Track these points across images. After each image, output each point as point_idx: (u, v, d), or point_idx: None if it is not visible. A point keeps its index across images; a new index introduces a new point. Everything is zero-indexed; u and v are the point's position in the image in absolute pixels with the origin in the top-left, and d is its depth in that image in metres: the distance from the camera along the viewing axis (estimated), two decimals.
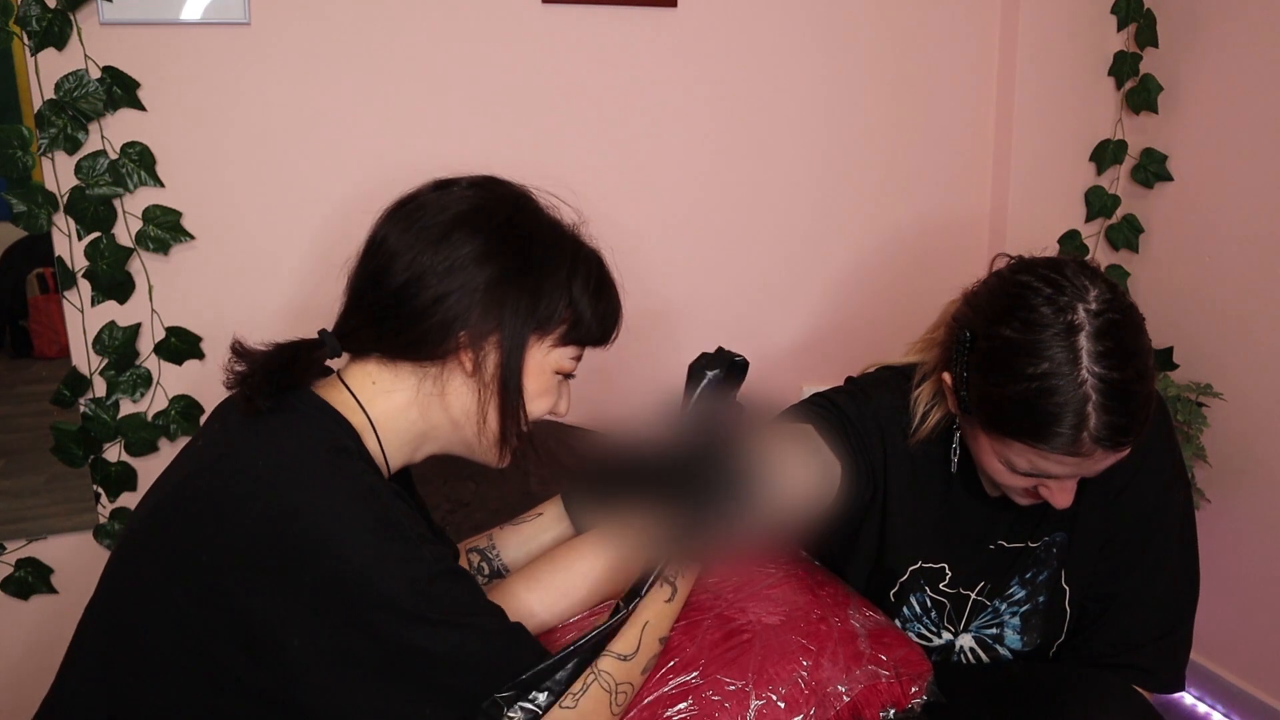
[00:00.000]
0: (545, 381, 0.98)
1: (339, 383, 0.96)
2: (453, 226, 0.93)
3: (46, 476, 1.57)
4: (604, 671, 0.91)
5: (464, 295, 0.92)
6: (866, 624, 1.08)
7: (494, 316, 0.93)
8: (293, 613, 0.81)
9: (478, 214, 0.95)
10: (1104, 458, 0.99)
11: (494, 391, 0.94)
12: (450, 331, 0.92)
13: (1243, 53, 1.78)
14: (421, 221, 0.94)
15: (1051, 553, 1.21)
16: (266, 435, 0.89)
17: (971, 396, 1.04)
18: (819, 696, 0.98)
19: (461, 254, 0.92)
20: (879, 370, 1.25)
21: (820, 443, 1.14)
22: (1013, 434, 0.99)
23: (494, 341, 0.93)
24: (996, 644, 1.24)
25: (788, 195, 1.89)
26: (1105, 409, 0.95)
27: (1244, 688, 1.88)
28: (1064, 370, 0.95)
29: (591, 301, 0.98)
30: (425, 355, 0.94)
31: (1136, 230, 2.00)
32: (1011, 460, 1.02)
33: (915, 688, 1.05)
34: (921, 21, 1.90)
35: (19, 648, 1.60)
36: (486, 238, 0.93)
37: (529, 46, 1.67)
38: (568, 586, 1.05)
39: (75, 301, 1.51)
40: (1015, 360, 0.97)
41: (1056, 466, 1.00)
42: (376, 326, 0.94)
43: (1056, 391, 0.95)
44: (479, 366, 0.94)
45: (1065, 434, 0.95)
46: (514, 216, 0.96)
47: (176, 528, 0.86)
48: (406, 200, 0.98)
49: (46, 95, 1.42)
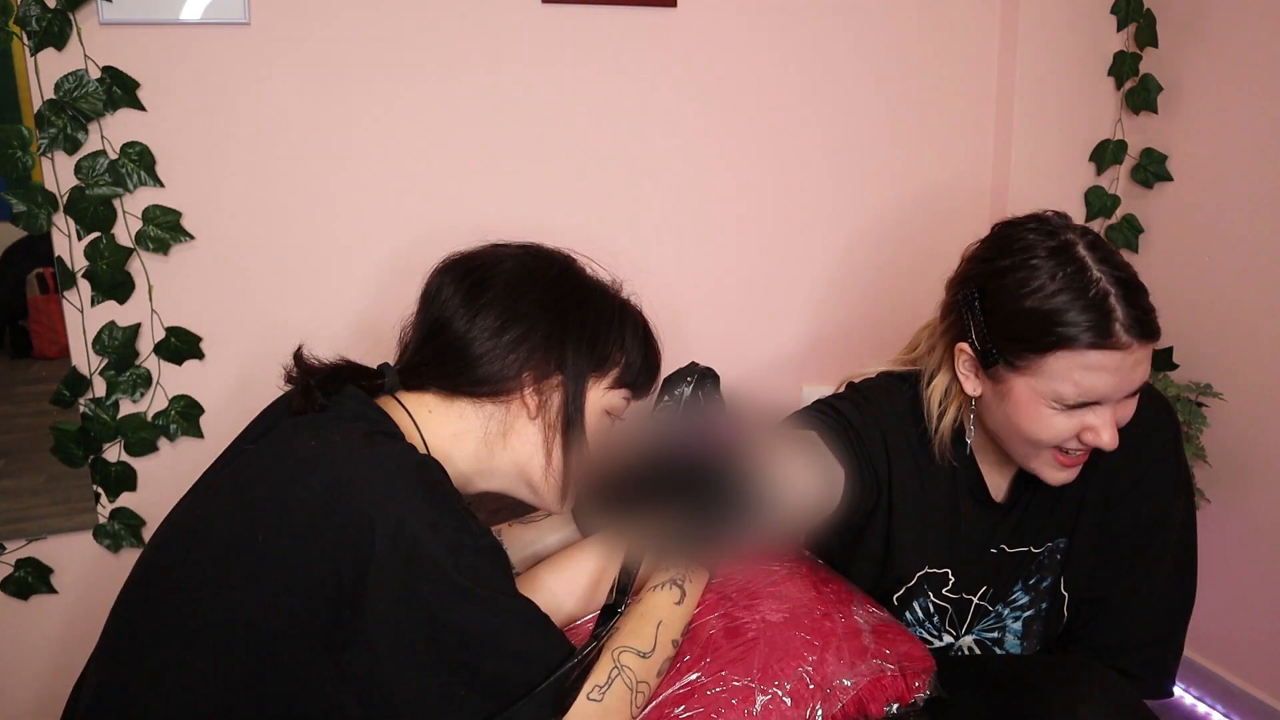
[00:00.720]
0: (601, 422, 1.04)
1: (396, 405, 0.99)
2: (512, 279, 1.01)
3: (46, 476, 1.56)
4: (626, 667, 0.92)
5: (528, 340, 0.98)
6: (870, 620, 1.09)
7: (557, 359, 1.00)
8: (352, 584, 0.81)
9: (533, 269, 1.03)
10: (1139, 356, 1.01)
11: (558, 430, 1.00)
12: (516, 373, 0.98)
13: (1243, 53, 1.78)
14: (478, 273, 1.01)
15: (1055, 559, 1.20)
16: (319, 422, 0.92)
17: (997, 339, 1.05)
18: (824, 691, 0.98)
19: (522, 303, 0.99)
20: (879, 376, 1.25)
21: (824, 449, 1.14)
22: (1052, 345, 1.00)
23: (557, 382, 1.00)
24: (996, 647, 1.24)
25: (786, 196, 1.89)
26: (1126, 300, 1.00)
27: (1244, 688, 1.88)
28: (1078, 272, 1.01)
29: (641, 347, 1.06)
30: (488, 394, 0.99)
31: (1136, 230, 2.00)
32: (1055, 390, 1.02)
33: (918, 682, 1.05)
34: (921, 22, 1.90)
35: (19, 648, 1.60)
36: (544, 289, 1.01)
37: (529, 46, 1.67)
38: (572, 587, 1.05)
39: (75, 301, 1.51)
40: (1030, 280, 1.03)
41: (1098, 377, 1.00)
42: (440, 366, 1.00)
43: (1081, 288, 1.00)
44: (543, 406, 1.00)
45: (1101, 322, 0.99)
46: (565, 271, 1.05)
47: (230, 514, 0.87)
48: (459, 256, 1.05)
49: (46, 95, 1.42)
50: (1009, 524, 1.20)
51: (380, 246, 1.65)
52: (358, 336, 1.64)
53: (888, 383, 1.23)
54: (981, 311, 1.07)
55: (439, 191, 1.67)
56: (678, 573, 1.03)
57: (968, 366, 1.11)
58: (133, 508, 1.58)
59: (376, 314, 1.64)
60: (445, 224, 1.66)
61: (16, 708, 1.62)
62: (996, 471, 1.20)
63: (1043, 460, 1.10)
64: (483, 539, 0.88)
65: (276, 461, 0.88)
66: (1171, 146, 1.93)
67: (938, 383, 1.16)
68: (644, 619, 0.97)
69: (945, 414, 1.15)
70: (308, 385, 0.96)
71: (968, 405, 1.14)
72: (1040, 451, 1.09)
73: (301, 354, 1.02)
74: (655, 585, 1.02)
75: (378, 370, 1.03)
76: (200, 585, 0.85)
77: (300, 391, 0.96)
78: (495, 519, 1.23)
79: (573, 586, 1.05)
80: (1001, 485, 1.20)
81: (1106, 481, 1.17)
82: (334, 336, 1.62)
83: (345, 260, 1.64)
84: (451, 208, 1.67)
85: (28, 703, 1.63)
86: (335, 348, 1.07)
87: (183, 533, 0.91)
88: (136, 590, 0.91)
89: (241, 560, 0.84)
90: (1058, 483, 1.11)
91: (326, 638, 0.82)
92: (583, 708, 0.88)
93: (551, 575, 1.06)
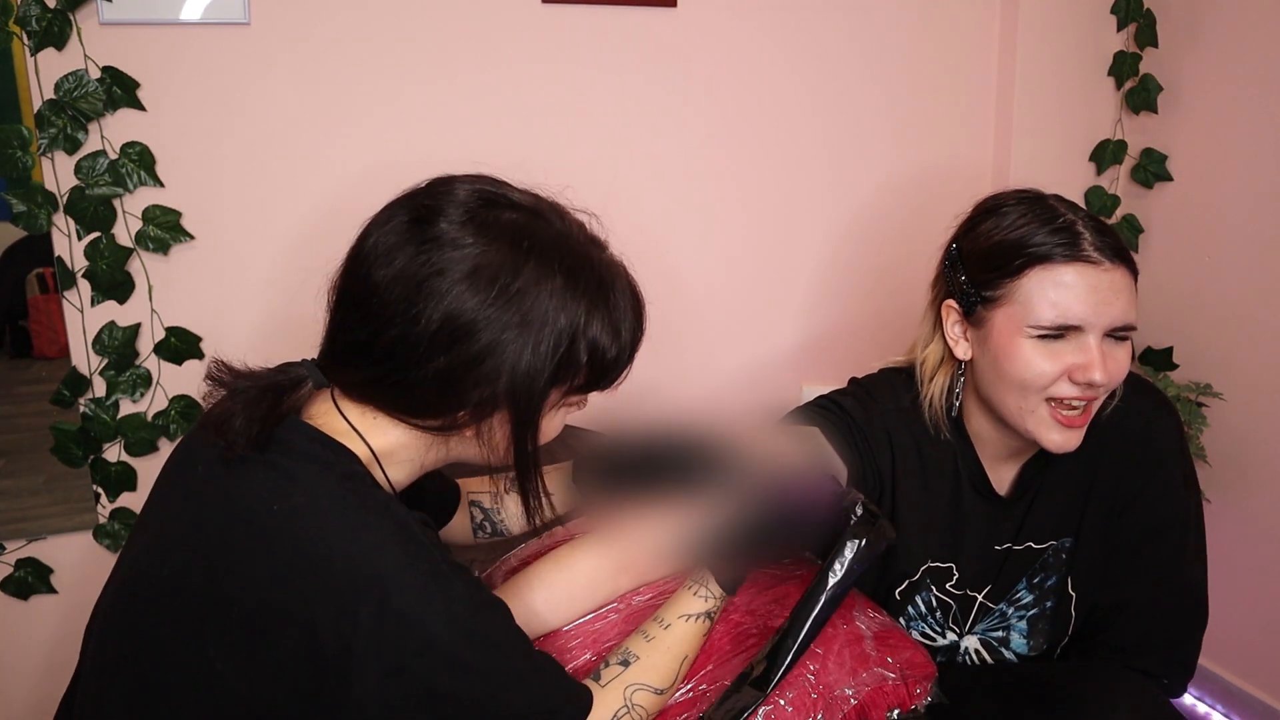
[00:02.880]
0: (558, 422, 0.91)
1: (334, 410, 0.87)
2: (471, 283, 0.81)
3: (46, 476, 1.56)
4: (637, 705, 0.89)
5: (466, 371, 0.81)
6: (872, 626, 1.08)
7: (501, 395, 0.83)
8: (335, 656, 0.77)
9: (496, 269, 0.81)
10: (1115, 279, 1.03)
11: (506, 460, 0.88)
12: (449, 411, 0.84)
13: (1243, 53, 1.78)
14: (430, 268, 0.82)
15: (1061, 558, 1.20)
16: (273, 474, 0.81)
17: (973, 279, 1.09)
18: (826, 700, 0.98)
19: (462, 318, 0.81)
20: (881, 371, 1.25)
21: (827, 446, 1.14)
22: (1023, 264, 1.04)
23: (501, 419, 0.85)
24: (1002, 647, 1.24)
25: (787, 196, 1.89)
26: (1094, 228, 1.05)
27: (1244, 688, 1.88)
28: (1045, 210, 1.07)
29: (614, 338, 0.87)
30: (419, 426, 0.86)
31: (1136, 230, 2.00)
32: (1035, 312, 1.03)
33: (920, 689, 1.04)
34: (921, 22, 1.90)
35: (18, 648, 1.60)
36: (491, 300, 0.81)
37: (529, 46, 1.67)
38: (571, 587, 1.05)
39: (75, 301, 1.51)
40: (1000, 221, 1.09)
41: (1076, 296, 1.02)
42: (375, 387, 0.85)
43: (1048, 218, 1.06)
44: (485, 439, 0.86)
45: (1071, 240, 1.03)
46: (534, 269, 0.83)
47: (196, 583, 0.81)
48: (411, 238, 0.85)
49: (46, 95, 1.42)
50: (1013, 520, 1.20)
51: None
52: None
53: (891, 377, 1.23)
54: (962, 266, 1.11)
55: None
56: (714, 603, 0.96)
57: (956, 327, 1.13)
58: (133, 508, 1.58)
59: None
60: None
61: (16, 707, 1.62)
62: (1000, 465, 1.20)
63: (1039, 419, 1.06)
64: (475, 595, 0.82)
65: (241, 528, 0.80)
66: (1171, 146, 1.93)
67: (930, 350, 1.18)
68: (671, 654, 0.92)
69: (935, 379, 1.17)
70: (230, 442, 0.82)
71: (958, 371, 1.15)
72: (1034, 404, 1.06)
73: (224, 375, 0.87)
74: (688, 615, 0.95)
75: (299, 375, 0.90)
76: (176, 652, 0.80)
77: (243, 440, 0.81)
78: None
79: (570, 588, 1.05)
80: (1005, 480, 1.21)
81: (1113, 482, 1.17)
82: None
83: None
84: None
85: (27, 703, 1.63)
86: None
87: (149, 596, 0.84)
88: (107, 646, 0.87)
89: (216, 633, 0.79)
90: (1058, 448, 1.07)
91: (316, 698, 0.79)
92: None
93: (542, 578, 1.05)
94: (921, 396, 1.17)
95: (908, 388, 1.20)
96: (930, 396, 1.17)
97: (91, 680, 0.88)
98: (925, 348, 1.18)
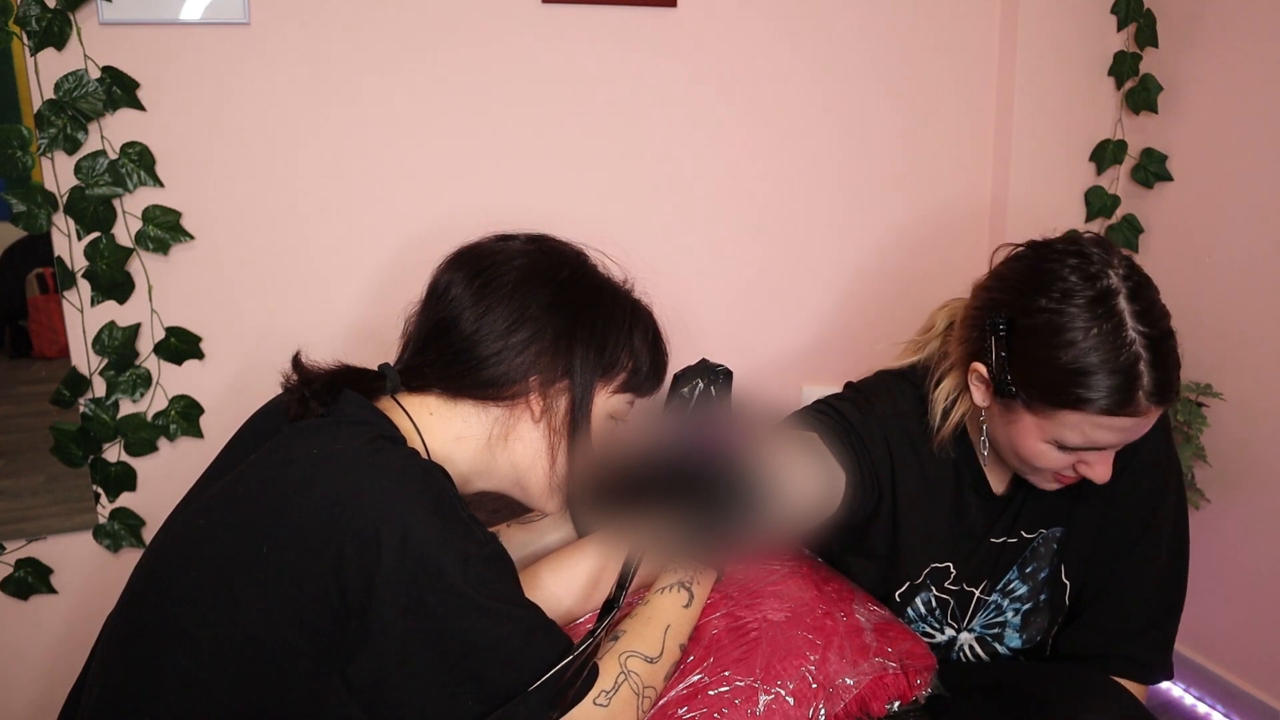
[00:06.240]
0: (604, 426, 1.02)
1: (397, 407, 0.98)
2: (522, 278, 0.98)
3: (46, 476, 1.56)
4: (633, 672, 0.92)
5: (536, 343, 0.97)
6: (871, 618, 1.09)
7: (565, 363, 0.98)
8: (358, 596, 0.81)
9: (543, 267, 1.00)
10: (1152, 417, 1.01)
11: (564, 436, 0.98)
12: (522, 376, 0.97)
13: (1243, 53, 1.78)
14: (488, 272, 0.99)
15: (1052, 548, 1.21)
16: (319, 429, 0.90)
17: (1017, 378, 1.03)
18: (827, 690, 0.98)
19: (532, 304, 0.97)
20: (877, 375, 1.25)
21: (825, 451, 1.14)
22: (1070, 404, 0.99)
23: (564, 387, 0.98)
24: (996, 642, 1.24)
25: (787, 196, 1.89)
26: (1154, 365, 0.98)
27: (1244, 688, 1.88)
28: (1113, 331, 0.98)
29: (649, 352, 1.04)
30: (492, 397, 0.97)
31: (1136, 230, 2.00)
32: (1062, 436, 1.02)
33: (920, 680, 1.05)
34: (921, 22, 1.90)
35: (18, 648, 1.60)
36: (554, 290, 0.99)
37: (529, 46, 1.67)
38: (571, 585, 1.05)
39: (75, 301, 1.51)
40: (1062, 331, 0.99)
41: (1109, 434, 1.00)
42: (445, 367, 0.98)
43: (1111, 355, 0.97)
44: (548, 410, 0.98)
45: (1124, 395, 0.97)
46: (577, 271, 1.02)
47: (234, 525, 0.86)
48: (468, 250, 1.03)
49: (46, 95, 1.42)
50: (1008, 515, 1.20)
51: (380, 246, 1.65)
52: (357, 336, 1.64)
53: (888, 381, 1.23)
54: (1007, 344, 1.04)
55: (439, 192, 1.67)
56: (685, 575, 1.03)
57: (980, 383, 1.10)
58: (133, 508, 1.58)
59: (376, 314, 1.64)
60: (445, 224, 1.66)
61: (16, 707, 1.62)
62: (998, 465, 1.20)
63: (1039, 478, 1.12)
64: (489, 547, 0.87)
65: (279, 471, 0.87)
66: (1171, 146, 1.93)
67: (946, 384, 1.16)
68: (651, 623, 0.97)
69: (952, 413, 1.15)
70: (304, 395, 0.95)
71: (975, 416, 1.14)
72: (1037, 474, 1.11)
73: (300, 359, 1.00)
74: (662, 588, 1.02)
75: (378, 372, 1.02)
76: (204, 597, 0.84)
77: (297, 401, 0.95)
78: (494, 519, 1.23)
79: (571, 585, 1.05)
80: (1002, 479, 1.21)
81: None
82: (334, 336, 1.62)
83: (345, 260, 1.64)
84: (451, 208, 1.67)
85: (27, 703, 1.63)
86: (335, 347, 1.08)
87: (185, 543, 0.90)
88: (138, 600, 0.90)
89: (246, 573, 0.83)
90: (1051, 489, 1.13)
91: (332, 649, 0.82)
92: (589, 713, 0.87)
93: (550, 574, 1.06)
94: (933, 427, 1.16)
95: (905, 392, 1.20)
96: (943, 433, 1.16)
97: (115, 634, 0.90)
98: (940, 380, 1.16)
